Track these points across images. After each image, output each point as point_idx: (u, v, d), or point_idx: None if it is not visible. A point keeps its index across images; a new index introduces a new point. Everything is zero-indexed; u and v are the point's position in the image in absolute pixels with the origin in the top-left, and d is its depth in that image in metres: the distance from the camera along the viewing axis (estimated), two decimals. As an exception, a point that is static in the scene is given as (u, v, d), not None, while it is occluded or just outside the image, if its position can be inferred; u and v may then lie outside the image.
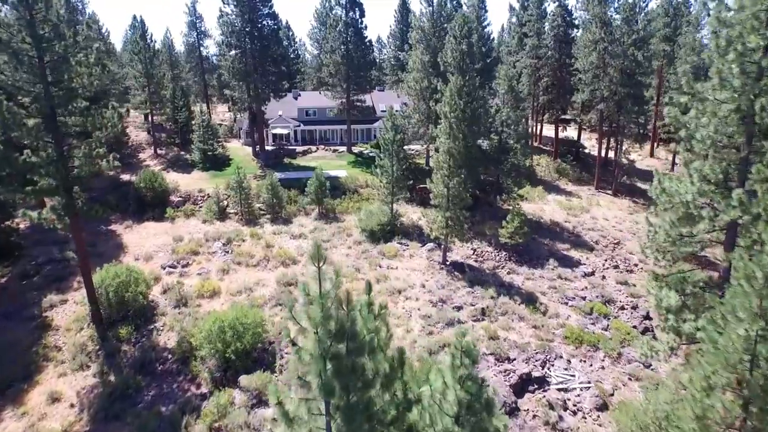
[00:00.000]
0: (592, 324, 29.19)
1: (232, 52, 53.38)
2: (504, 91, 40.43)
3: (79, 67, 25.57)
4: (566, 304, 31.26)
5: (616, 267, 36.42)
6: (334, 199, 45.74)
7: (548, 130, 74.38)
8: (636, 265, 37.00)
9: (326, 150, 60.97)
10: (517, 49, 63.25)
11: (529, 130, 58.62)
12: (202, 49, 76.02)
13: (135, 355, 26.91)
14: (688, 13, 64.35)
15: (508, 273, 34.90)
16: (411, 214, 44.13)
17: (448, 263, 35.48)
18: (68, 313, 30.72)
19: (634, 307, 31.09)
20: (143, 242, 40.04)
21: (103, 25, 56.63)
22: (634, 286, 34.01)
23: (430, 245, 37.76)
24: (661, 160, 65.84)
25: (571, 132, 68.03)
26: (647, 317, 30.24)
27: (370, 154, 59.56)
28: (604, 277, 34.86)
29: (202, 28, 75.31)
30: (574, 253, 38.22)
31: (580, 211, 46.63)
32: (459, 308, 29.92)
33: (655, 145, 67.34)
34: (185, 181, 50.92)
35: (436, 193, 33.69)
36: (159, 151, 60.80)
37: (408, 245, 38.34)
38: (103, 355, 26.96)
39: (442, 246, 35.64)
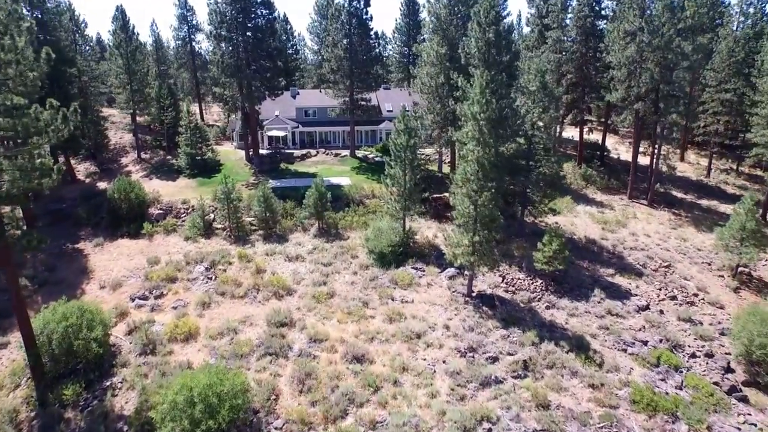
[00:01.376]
0: (662, 380, 22.80)
1: (222, 45, 46.82)
2: (535, 89, 33.99)
3: (2, 53, 19.13)
4: (624, 351, 24.86)
5: (673, 298, 30.00)
6: (336, 213, 39.27)
7: (566, 132, 67.85)
8: (696, 295, 30.58)
9: (327, 154, 54.49)
10: (537, 43, 56.73)
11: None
12: (193, 43, 69.40)
13: (80, 426, 20.52)
14: (722, 4, 57.92)
15: (547, 307, 28.49)
16: (425, 230, 37.69)
17: (474, 295, 29.08)
18: (5, 363, 24.33)
19: (709, 355, 24.70)
20: (113, 265, 33.61)
21: (80, 14, 50.17)
22: (701, 324, 27.60)
23: (451, 271, 31.35)
24: (692, 164, 59.37)
25: (589, 134, 61.53)
26: (729, 369, 23.86)
27: (376, 159, 53.14)
28: (662, 312, 28.46)
29: (194, 22, 68.68)
30: (621, 281, 31.80)
31: (616, 226, 40.20)
32: (494, 359, 23.51)
33: (685, 149, 60.65)
34: (168, 190, 44.44)
35: (460, 211, 27.27)
36: (143, 156, 54.30)
37: (424, 271, 31.90)
38: (38, 427, 20.58)
39: (467, 274, 29.25)
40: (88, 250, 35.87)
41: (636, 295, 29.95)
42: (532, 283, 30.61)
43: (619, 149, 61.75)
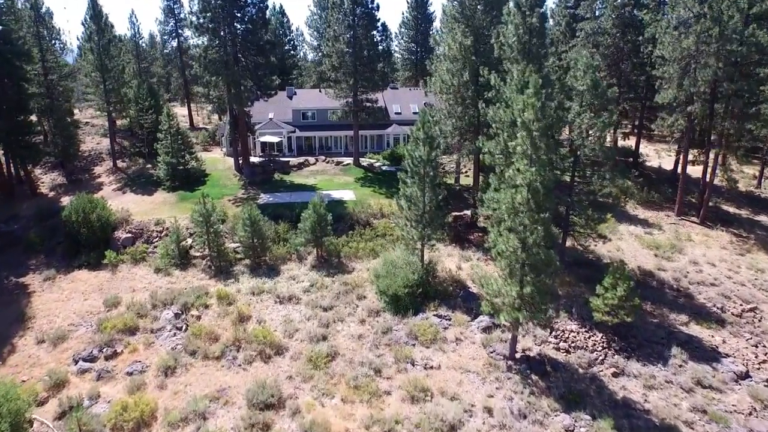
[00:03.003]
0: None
1: (206, 38, 39.62)
2: (585, 88, 26.88)
3: None
4: (739, 451, 17.76)
5: (774, 359, 22.86)
6: (338, 237, 32.15)
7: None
8: (802, 353, 23.41)
9: (327, 162, 47.27)
10: (564, 37, 49.51)
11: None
12: (181, 39, 62.13)
13: None
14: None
15: (615, 374, 21.37)
16: (446, 259, 30.57)
17: (518, 357, 21.97)
18: None
19: None
20: (61, 308, 26.51)
21: (44, 3, 43.03)
22: (826, 401, 20.46)
23: (484, 320, 24.26)
24: (735, 172, 51.95)
25: (624, 139, 54.30)
26: None
27: (383, 168, 46.00)
28: None
29: (182, 15, 61.39)
30: (700, 332, 24.65)
31: (671, 251, 33.04)
32: (562, 471, 16.42)
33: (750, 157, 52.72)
34: (142, 207, 37.33)
35: (503, 252, 20.13)
36: (120, 164, 47.20)
37: (450, 319, 24.78)
38: None
39: (506, 324, 22.14)
40: (35, 286, 28.79)
41: (726, 355, 22.82)
42: (590, 337, 23.49)
43: (655, 156, 54.47)
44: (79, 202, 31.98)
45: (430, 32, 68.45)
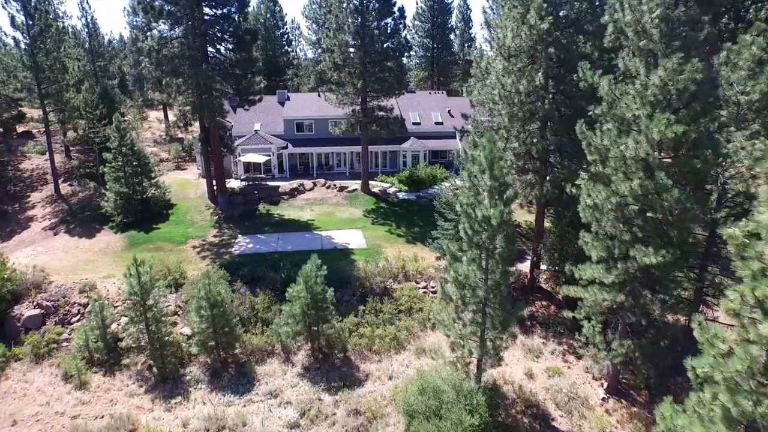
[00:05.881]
0: None
1: (161, 26, 28.69)
2: (756, 98, 15.85)
3: None
4: None
5: None
6: (342, 317, 21.07)
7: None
8: None
9: (328, 187, 36.06)
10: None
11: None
12: (156, 33, 50.77)
13: None
14: None
15: None
16: (503, 354, 19.45)
17: None
18: None
19: None
20: None
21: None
22: None
23: (601, 507, 13.25)
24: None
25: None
26: None
27: (400, 196, 34.85)
28: None
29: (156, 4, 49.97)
30: None
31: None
32: None
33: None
34: (72, 259, 26.35)
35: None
36: (68, 188, 36.24)
37: None
38: None
39: None
40: None
41: None
42: None
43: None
44: (-45, 267, 20.97)
45: (449, 25, 57.47)
